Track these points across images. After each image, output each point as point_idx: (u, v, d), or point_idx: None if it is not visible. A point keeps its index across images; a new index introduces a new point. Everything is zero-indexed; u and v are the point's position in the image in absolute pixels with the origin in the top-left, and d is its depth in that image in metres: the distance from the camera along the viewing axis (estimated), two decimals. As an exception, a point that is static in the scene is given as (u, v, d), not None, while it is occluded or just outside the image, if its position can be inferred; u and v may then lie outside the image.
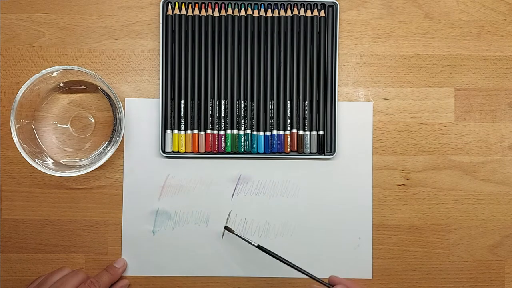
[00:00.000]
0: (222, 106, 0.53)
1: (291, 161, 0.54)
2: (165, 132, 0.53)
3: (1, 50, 0.54)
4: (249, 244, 0.50)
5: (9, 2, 0.54)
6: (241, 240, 0.51)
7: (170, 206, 0.54)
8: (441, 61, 0.54)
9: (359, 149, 0.54)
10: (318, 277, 0.48)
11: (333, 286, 0.46)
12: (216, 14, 0.53)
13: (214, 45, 0.53)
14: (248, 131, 0.53)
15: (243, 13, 0.53)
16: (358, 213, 0.54)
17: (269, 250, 0.49)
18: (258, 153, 0.53)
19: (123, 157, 0.54)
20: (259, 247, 0.50)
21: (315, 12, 0.53)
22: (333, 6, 0.53)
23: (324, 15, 0.53)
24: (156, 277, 0.54)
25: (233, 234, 0.52)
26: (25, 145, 0.49)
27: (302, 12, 0.53)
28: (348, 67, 0.54)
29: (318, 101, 0.53)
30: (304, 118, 0.53)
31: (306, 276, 0.48)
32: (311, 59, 0.53)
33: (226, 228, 0.52)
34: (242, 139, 0.53)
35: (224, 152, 0.53)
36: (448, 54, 0.54)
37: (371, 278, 0.53)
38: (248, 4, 0.53)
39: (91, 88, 0.53)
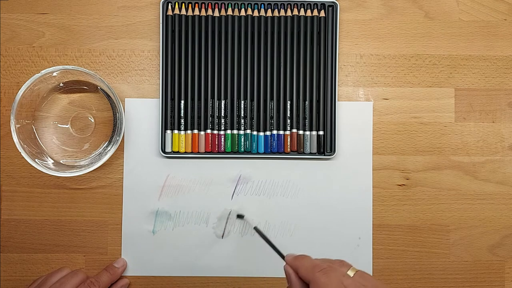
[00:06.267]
0: (222, 106, 0.53)
1: (291, 161, 0.54)
2: (165, 132, 0.53)
3: (1, 50, 0.54)
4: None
5: (9, 2, 0.54)
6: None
7: (170, 206, 0.54)
8: (441, 61, 0.54)
9: (359, 149, 0.54)
10: None
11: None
12: (216, 14, 0.53)
13: (214, 45, 0.53)
14: (248, 131, 0.53)
15: (243, 13, 0.53)
16: (358, 213, 0.54)
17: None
18: (258, 153, 0.53)
19: (123, 157, 0.54)
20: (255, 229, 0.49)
21: (315, 12, 0.53)
22: (333, 6, 0.53)
23: (324, 15, 0.53)
24: (156, 277, 0.54)
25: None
26: (25, 145, 0.49)
27: (302, 12, 0.53)
28: (348, 67, 0.54)
29: (318, 101, 0.53)
30: (304, 118, 0.53)
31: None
32: (311, 59, 0.53)
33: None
34: (242, 139, 0.53)
35: (224, 152, 0.53)
36: (448, 54, 0.54)
37: (371, 278, 0.54)
38: (248, 4, 0.53)
39: (91, 88, 0.53)
